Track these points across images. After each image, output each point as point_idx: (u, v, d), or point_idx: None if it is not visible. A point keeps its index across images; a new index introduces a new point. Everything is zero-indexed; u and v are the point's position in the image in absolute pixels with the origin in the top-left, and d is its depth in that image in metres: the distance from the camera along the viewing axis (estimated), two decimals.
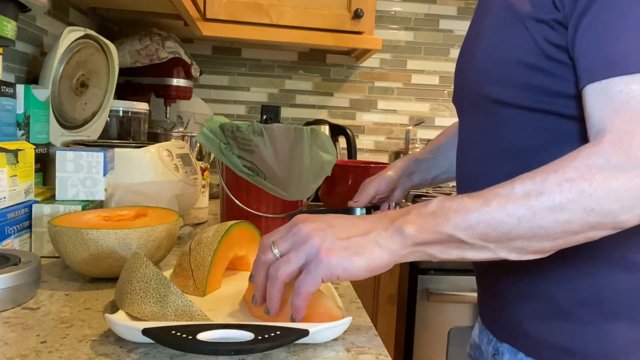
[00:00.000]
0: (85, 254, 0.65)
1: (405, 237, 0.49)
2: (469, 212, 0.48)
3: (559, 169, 0.47)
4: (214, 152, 0.90)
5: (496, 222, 0.47)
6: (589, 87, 0.50)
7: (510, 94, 0.59)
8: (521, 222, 0.47)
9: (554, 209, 0.46)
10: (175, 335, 0.45)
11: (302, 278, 0.49)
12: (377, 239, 0.49)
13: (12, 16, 0.78)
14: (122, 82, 1.52)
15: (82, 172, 0.81)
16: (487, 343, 0.70)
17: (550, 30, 0.54)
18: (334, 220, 0.52)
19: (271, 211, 0.92)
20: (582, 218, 0.46)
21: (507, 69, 0.58)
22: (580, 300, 0.58)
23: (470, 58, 0.66)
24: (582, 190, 0.45)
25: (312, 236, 0.49)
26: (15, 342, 0.49)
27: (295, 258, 0.50)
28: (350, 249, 0.49)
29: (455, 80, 0.75)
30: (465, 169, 0.71)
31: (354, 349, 0.52)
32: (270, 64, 1.91)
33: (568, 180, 0.46)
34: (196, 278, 0.63)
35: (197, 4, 1.34)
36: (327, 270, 0.48)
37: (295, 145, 0.87)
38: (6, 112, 0.84)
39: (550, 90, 0.56)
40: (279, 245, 0.52)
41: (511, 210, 0.47)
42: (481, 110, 0.64)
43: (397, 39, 1.94)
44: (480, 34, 0.65)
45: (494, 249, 0.49)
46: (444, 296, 1.25)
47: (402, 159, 0.97)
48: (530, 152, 0.59)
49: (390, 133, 1.98)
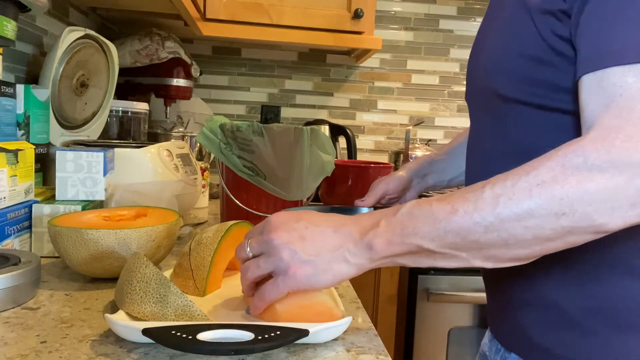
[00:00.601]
0: (85, 254, 0.65)
1: (374, 252, 0.49)
2: (436, 222, 0.47)
3: (531, 171, 0.44)
4: (214, 152, 0.90)
5: (464, 231, 0.46)
6: (585, 77, 0.48)
7: (518, 90, 0.57)
8: (489, 231, 0.45)
9: (521, 215, 0.44)
10: (175, 335, 0.45)
11: (268, 287, 0.52)
12: (346, 255, 0.50)
13: (12, 16, 0.78)
14: (122, 82, 1.52)
15: (82, 172, 0.81)
16: (495, 352, 0.68)
17: (557, 22, 0.52)
18: (306, 230, 0.52)
19: (271, 211, 0.92)
20: (554, 223, 0.43)
21: (514, 63, 0.57)
22: (590, 309, 0.55)
23: (478, 54, 0.65)
24: (552, 194, 0.43)
25: (281, 250, 0.51)
26: (15, 342, 0.49)
27: (263, 265, 0.52)
28: (317, 267, 0.50)
29: (467, 78, 0.73)
30: (473, 168, 0.69)
31: (354, 349, 0.52)
32: (270, 64, 1.91)
33: (539, 184, 0.43)
34: (196, 278, 0.63)
35: (197, 4, 1.34)
36: (294, 285, 0.51)
37: (295, 145, 0.87)
38: (6, 112, 0.84)
39: (557, 87, 0.54)
40: (252, 247, 0.54)
41: (478, 218, 0.45)
42: (489, 108, 0.63)
43: (397, 39, 1.94)
44: (490, 29, 0.64)
45: (466, 258, 0.48)
46: (444, 296, 1.24)
47: (416, 160, 0.95)
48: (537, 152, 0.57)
49: (390, 133, 1.98)
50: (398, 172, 0.93)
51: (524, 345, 0.62)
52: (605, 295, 0.54)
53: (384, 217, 0.50)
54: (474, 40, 0.73)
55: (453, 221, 0.46)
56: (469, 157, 0.71)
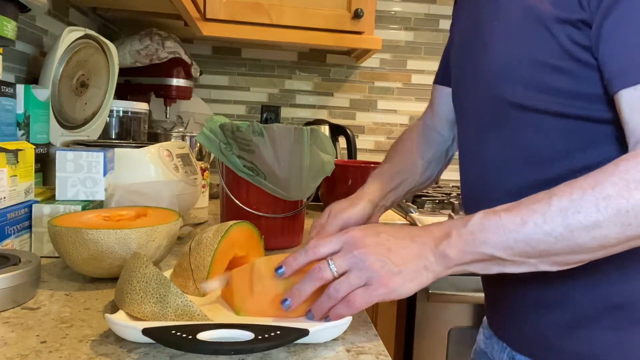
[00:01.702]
0: (85, 254, 0.65)
1: (449, 260, 0.52)
2: (507, 232, 0.49)
3: (596, 185, 0.47)
4: (214, 152, 0.90)
5: (534, 241, 0.48)
6: (623, 92, 0.49)
7: (531, 98, 0.57)
8: (559, 241, 0.48)
9: (590, 227, 0.47)
10: (175, 335, 0.45)
11: (358, 295, 0.51)
12: (426, 264, 0.52)
13: (12, 16, 0.78)
14: (122, 82, 1.52)
15: (82, 172, 0.81)
16: (500, 351, 0.68)
17: (575, 31, 0.53)
18: (389, 242, 0.53)
19: (271, 211, 0.92)
20: (620, 233, 0.46)
21: (527, 71, 0.57)
22: (610, 306, 0.56)
23: (478, 62, 0.64)
24: (619, 207, 0.46)
25: (374, 263, 0.52)
26: (15, 342, 0.49)
27: (355, 280, 0.52)
28: (405, 276, 0.52)
29: (459, 84, 0.72)
30: (473, 177, 0.69)
31: (354, 349, 0.52)
32: (270, 64, 1.91)
33: (606, 198, 0.46)
34: (196, 278, 0.63)
35: (197, 4, 1.34)
36: (384, 294, 0.51)
37: (295, 145, 0.87)
38: (6, 112, 0.84)
39: (574, 93, 0.55)
40: (337, 264, 0.53)
41: (548, 229, 0.48)
42: (493, 115, 0.62)
43: (397, 39, 1.94)
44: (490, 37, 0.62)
45: (535, 264, 0.50)
46: (444, 296, 1.24)
47: (375, 186, 0.81)
48: (552, 158, 0.58)
49: (390, 133, 1.98)
50: (358, 202, 0.77)
51: (537, 346, 0.62)
52: (626, 292, 0.56)
53: (454, 228, 0.52)
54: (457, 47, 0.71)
55: (523, 232, 0.49)
56: (466, 164, 0.71)
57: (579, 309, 0.58)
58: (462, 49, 0.71)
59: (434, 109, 0.89)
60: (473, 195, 0.70)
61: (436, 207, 1.42)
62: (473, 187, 0.70)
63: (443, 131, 0.87)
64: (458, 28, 0.74)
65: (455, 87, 0.74)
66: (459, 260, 0.51)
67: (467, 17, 0.70)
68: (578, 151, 0.56)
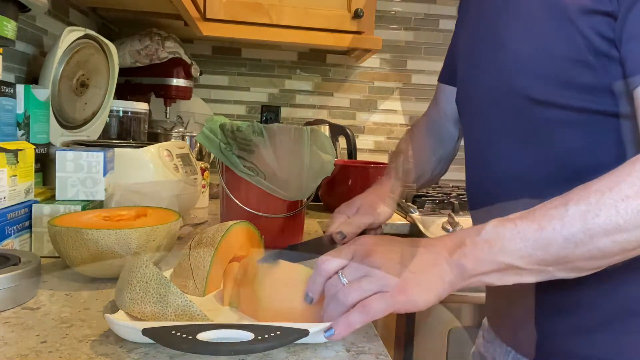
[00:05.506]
0: (85, 254, 0.65)
1: (465, 271, 0.49)
2: (524, 240, 0.47)
3: (614, 187, 0.45)
4: (214, 152, 0.90)
5: (554, 248, 0.47)
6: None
7: (554, 93, 0.56)
8: (578, 246, 0.46)
9: (611, 231, 0.45)
10: (175, 335, 0.45)
11: (375, 303, 0.48)
12: (442, 274, 0.49)
13: (12, 16, 0.78)
14: (122, 82, 1.52)
15: (82, 172, 0.81)
16: (504, 354, 0.68)
17: (602, 23, 0.52)
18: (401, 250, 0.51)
19: (271, 211, 0.92)
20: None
21: (549, 66, 0.56)
22: (625, 310, 0.56)
23: (494, 59, 0.63)
24: (639, 209, 0.44)
25: (388, 268, 0.49)
26: (15, 342, 0.49)
27: (367, 286, 0.49)
28: (422, 286, 0.49)
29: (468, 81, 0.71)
30: (484, 176, 0.68)
31: (354, 349, 0.52)
32: (270, 64, 1.91)
33: (624, 200, 0.45)
34: (196, 278, 0.63)
35: (197, 4, 1.34)
36: (404, 303, 0.48)
37: (295, 145, 0.87)
38: (6, 112, 0.84)
39: (597, 88, 0.53)
40: (346, 274, 0.50)
41: (567, 235, 0.46)
42: (510, 113, 0.61)
43: (397, 39, 1.94)
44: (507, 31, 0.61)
45: (552, 271, 0.49)
46: None
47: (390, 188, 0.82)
48: (573, 154, 0.57)
49: (390, 133, 1.98)
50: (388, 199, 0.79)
51: (548, 350, 0.61)
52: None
53: (468, 237, 0.50)
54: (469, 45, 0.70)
55: (541, 238, 0.47)
56: (473, 160, 0.70)
57: (594, 313, 0.57)
58: (471, 47, 0.69)
59: (440, 107, 0.89)
60: (483, 194, 0.68)
61: (436, 207, 1.42)
62: (478, 185, 0.69)
63: (451, 128, 0.88)
64: (466, 26, 0.74)
65: (463, 86, 0.73)
66: (475, 270, 0.49)
67: (475, 14, 0.69)
68: (599, 147, 0.55)
